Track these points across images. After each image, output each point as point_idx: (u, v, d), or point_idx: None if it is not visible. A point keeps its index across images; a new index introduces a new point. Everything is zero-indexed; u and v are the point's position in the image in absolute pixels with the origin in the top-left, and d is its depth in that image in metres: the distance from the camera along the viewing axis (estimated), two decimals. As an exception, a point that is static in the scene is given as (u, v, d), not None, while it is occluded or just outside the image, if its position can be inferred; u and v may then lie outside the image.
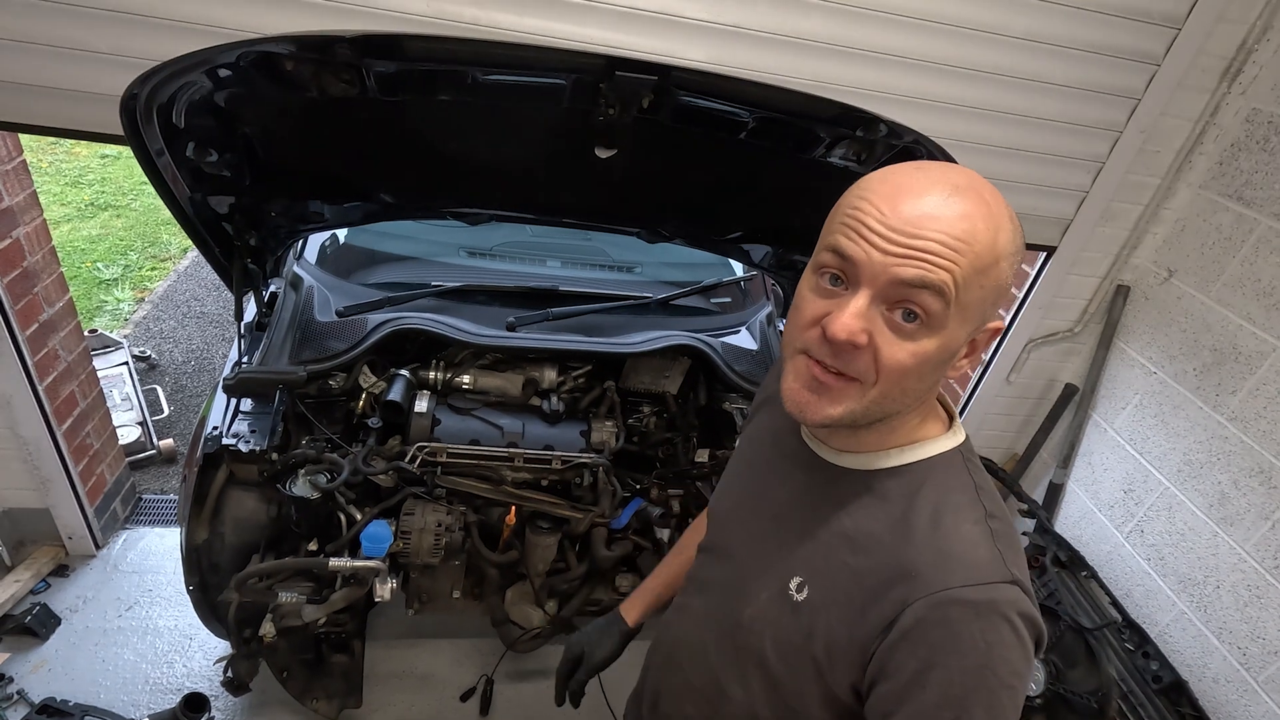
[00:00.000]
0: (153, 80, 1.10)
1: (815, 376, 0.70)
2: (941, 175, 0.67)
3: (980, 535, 0.71)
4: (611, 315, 2.00)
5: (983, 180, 0.69)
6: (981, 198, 0.66)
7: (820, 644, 0.75)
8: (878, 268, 0.65)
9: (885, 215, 0.65)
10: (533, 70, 1.19)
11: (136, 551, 2.36)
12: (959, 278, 0.64)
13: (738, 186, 1.59)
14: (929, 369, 0.69)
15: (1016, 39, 1.76)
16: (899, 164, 0.71)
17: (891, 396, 0.70)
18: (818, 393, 0.71)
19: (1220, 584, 1.91)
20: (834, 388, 0.70)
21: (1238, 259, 1.95)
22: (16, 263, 1.90)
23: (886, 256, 0.64)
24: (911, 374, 0.68)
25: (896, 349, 0.67)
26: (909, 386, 0.70)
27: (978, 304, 0.67)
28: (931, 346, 0.67)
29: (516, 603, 1.94)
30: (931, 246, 0.64)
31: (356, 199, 1.66)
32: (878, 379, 0.68)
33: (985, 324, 0.71)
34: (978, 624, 0.67)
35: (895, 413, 0.73)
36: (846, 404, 0.70)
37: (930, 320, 0.66)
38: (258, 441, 1.57)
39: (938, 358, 0.68)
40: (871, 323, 0.66)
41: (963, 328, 0.68)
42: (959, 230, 0.64)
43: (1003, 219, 0.67)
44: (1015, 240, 0.68)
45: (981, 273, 0.65)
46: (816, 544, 0.79)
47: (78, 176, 5.07)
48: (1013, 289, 2.33)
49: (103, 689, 1.95)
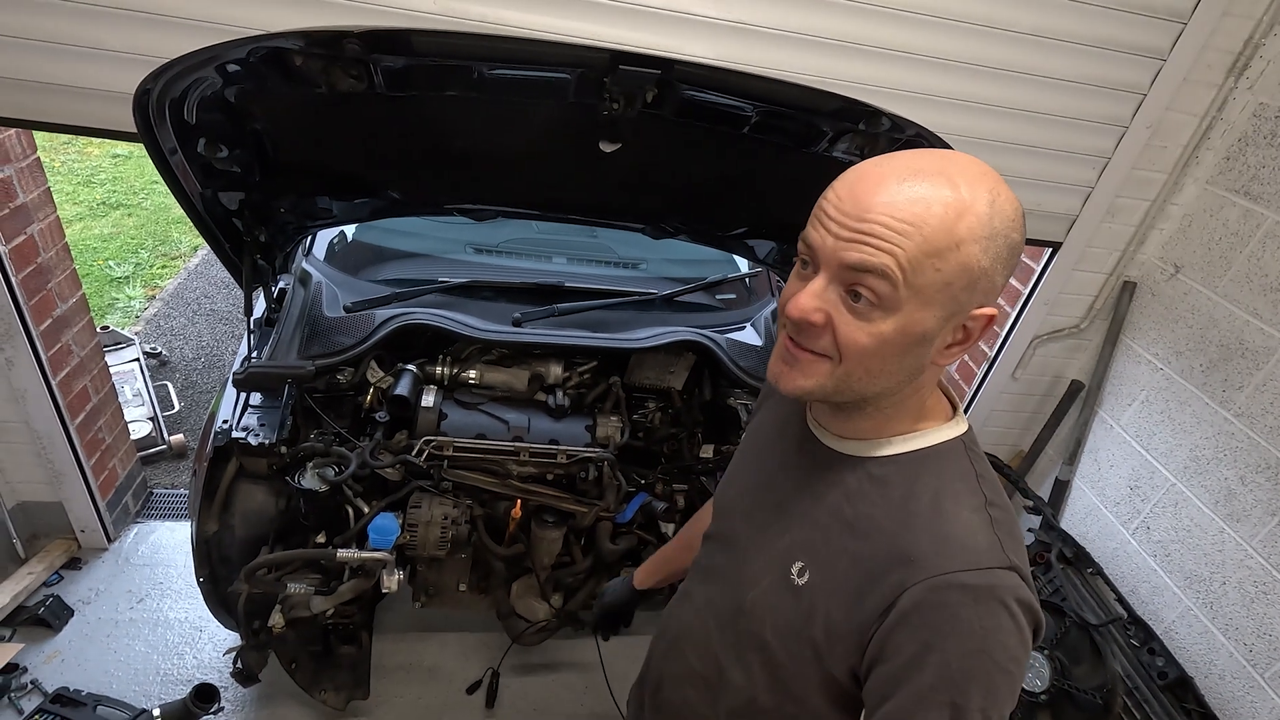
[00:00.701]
0: (165, 76, 1.12)
1: (788, 349, 0.74)
2: (906, 161, 0.68)
3: (980, 522, 0.72)
4: (617, 311, 2.01)
5: (963, 164, 0.68)
6: (947, 179, 0.65)
7: (820, 627, 0.76)
8: (830, 252, 0.68)
9: (841, 201, 0.68)
10: (538, 65, 1.21)
11: (148, 545, 2.39)
12: (903, 260, 0.65)
13: (742, 181, 1.60)
14: (891, 349, 0.69)
15: (1022, 34, 1.76)
16: (878, 155, 0.71)
17: (857, 375, 0.71)
18: (790, 365, 0.74)
19: (1227, 580, 1.91)
20: (803, 361, 0.73)
21: (1244, 254, 1.94)
22: (30, 259, 1.93)
23: (838, 241, 0.67)
24: (871, 353, 0.70)
25: (853, 329, 0.69)
26: (874, 366, 0.71)
27: (937, 287, 0.66)
28: (888, 327, 0.68)
29: (522, 596, 1.96)
30: (875, 229, 0.65)
31: (364, 195, 1.67)
32: (841, 357, 0.71)
33: (968, 310, 0.69)
34: (975, 609, 0.68)
35: (876, 393, 0.74)
36: (816, 378, 0.73)
37: (881, 301, 0.67)
38: (267, 435, 1.59)
39: (898, 339, 0.69)
40: (830, 303, 0.69)
41: (925, 310, 0.67)
42: (906, 213, 0.65)
43: (973, 202, 0.65)
44: (990, 224, 0.66)
45: (935, 255, 0.65)
46: (817, 529, 0.80)
47: (90, 176, 5.13)
48: (1017, 284, 2.33)
49: (115, 679, 1.98)
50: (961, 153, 0.72)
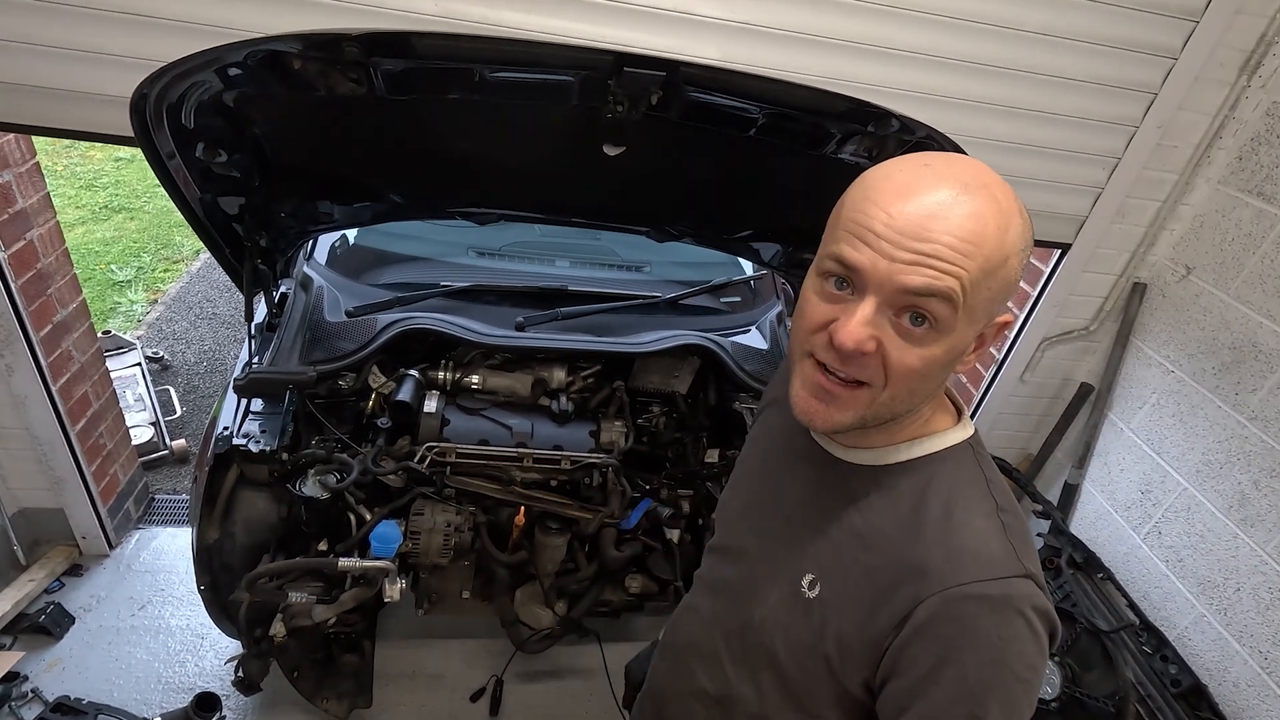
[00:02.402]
0: (162, 80, 1.10)
1: (823, 386, 0.70)
2: (948, 170, 0.65)
3: (992, 529, 0.71)
4: (620, 315, 2.00)
5: (990, 173, 0.67)
6: (991, 194, 0.64)
7: (832, 641, 0.74)
8: (884, 275, 0.63)
9: (891, 219, 0.63)
10: (541, 68, 1.19)
11: (149, 551, 2.37)
12: (967, 282, 0.63)
13: (747, 184, 1.58)
14: (937, 369, 0.68)
15: (1032, 33, 1.73)
16: (903, 158, 0.68)
17: (900, 399, 0.70)
18: (826, 401, 0.70)
19: (1241, 586, 1.88)
20: (842, 396, 0.69)
21: (1257, 255, 1.91)
22: (30, 264, 1.91)
23: (893, 264, 0.63)
24: (920, 377, 0.68)
25: (905, 354, 0.66)
26: (918, 388, 0.69)
27: (986, 304, 0.66)
28: (939, 350, 0.67)
29: (526, 603, 1.94)
30: (939, 251, 0.62)
31: (366, 199, 1.66)
32: (887, 383, 0.68)
33: (993, 320, 0.70)
34: (992, 619, 0.66)
35: (906, 411, 0.73)
36: (855, 409, 0.70)
37: (939, 324, 0.65)
38: (268, 442, 1.57)
39: (945, 359, 0.68)
40: (879, 329, 0.65)
41: (971, 327, 0.68)
42: (967, 232, 0.62)
43: (1012, 214, 0.65)
44: (1025, 234, 0.67)
45: (990, 274, 0.64)
46: (828, 541, 0.78)
47: (92, 179, 5.13)
48: (1026, 286, 2.30)
49: (116, 688, 1.96)
50: (978, 161, 0.70)
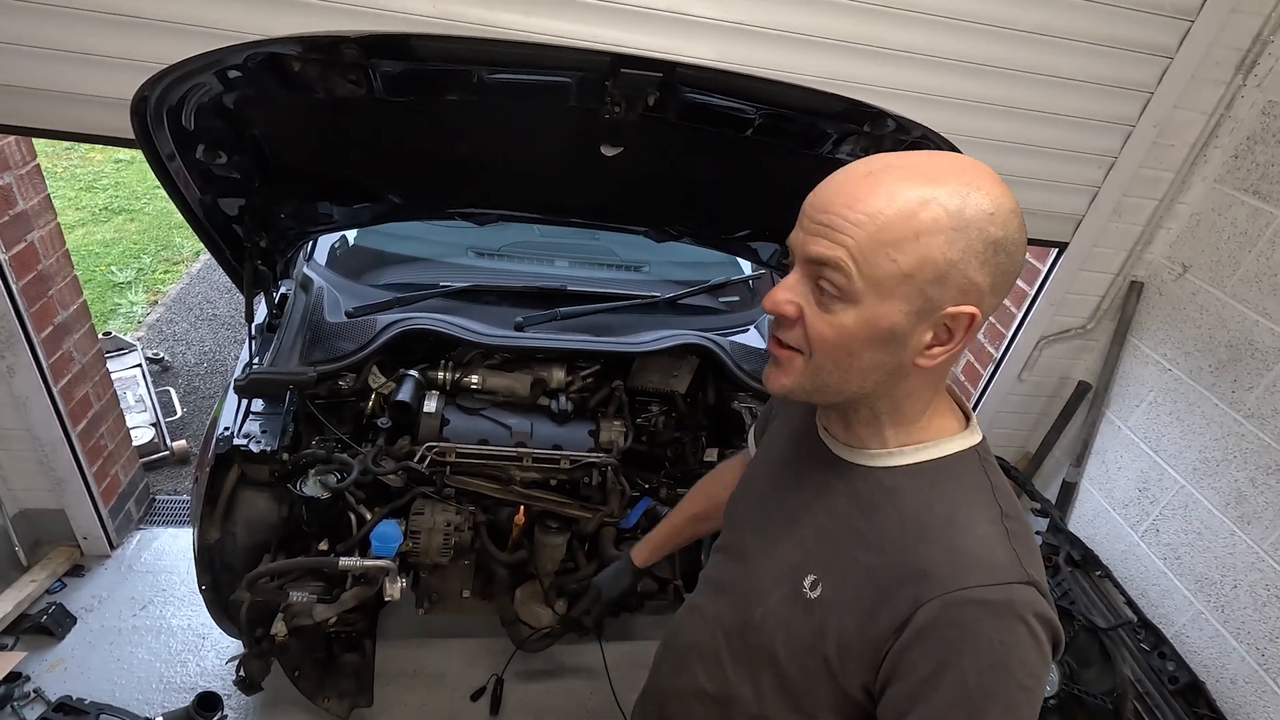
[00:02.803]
0: (162, 82, 1.11)
1: (772, 350, 0.76)
2: (883, 160, 0.68)
3: (996, 535, 0.71)
4: (619, 315, 2.00)
5: (945, 161, 0.67)
6: (918, 173, 0.65)
7: (832, 643, 0.74)
8: (799, 247, 0.70)
9: (814, 199, 0.70)
10: (538, 69, 1.19)
11: (150, 551, 2.38)
12: (855, 251, 0.66)
13: (745, 183, 1.59)
14: (856, 344, 0.69)
15: (1027, 33, 1.74)
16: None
17: (827, 369, 0.72)
18: (774, 365, 0.76)
19: (1238, 583, 1.89)
20: (783, 360, 0.75)
21: (1253, 253, 1.92)
22: (31, 266, 1.92)
23: (805, 235, 0.69)
24: (837, 347, 0.70)
25: (817, 320, 0.70)
26: (841, 361, 0.71)
27: (895, 278, 0.65)
28: (849, 319, 0.68)
29: (526, 602, 1.94)
30: (832, 221, 0.67)
31: (365, 200, 1.66)
32: (810, 350, 0.72)
33: (943, 307, 0.67)
34: (994, 624, 0.66)
35: (855, 392, 0.73)
36: (794, 375, 0.74)
37: (840, 293, 0.68)
38: (268, 442, 1.58)
39: (862, 333, 0.69)
40: (802, 297, 0.71)
41: (887, 304, 0.66)
42: (860, 205, 0.66)
43: (938, 194, 0.64)
44: (960, 215, 0.64)
45: (890, 245, 0.64)
46: (830, 541, 0.78)
47: (92, 181, 5.13)
48: (1023, 285, 2.31)
49: (118, 687, 1.97)
50: (957, 154, 0.71)
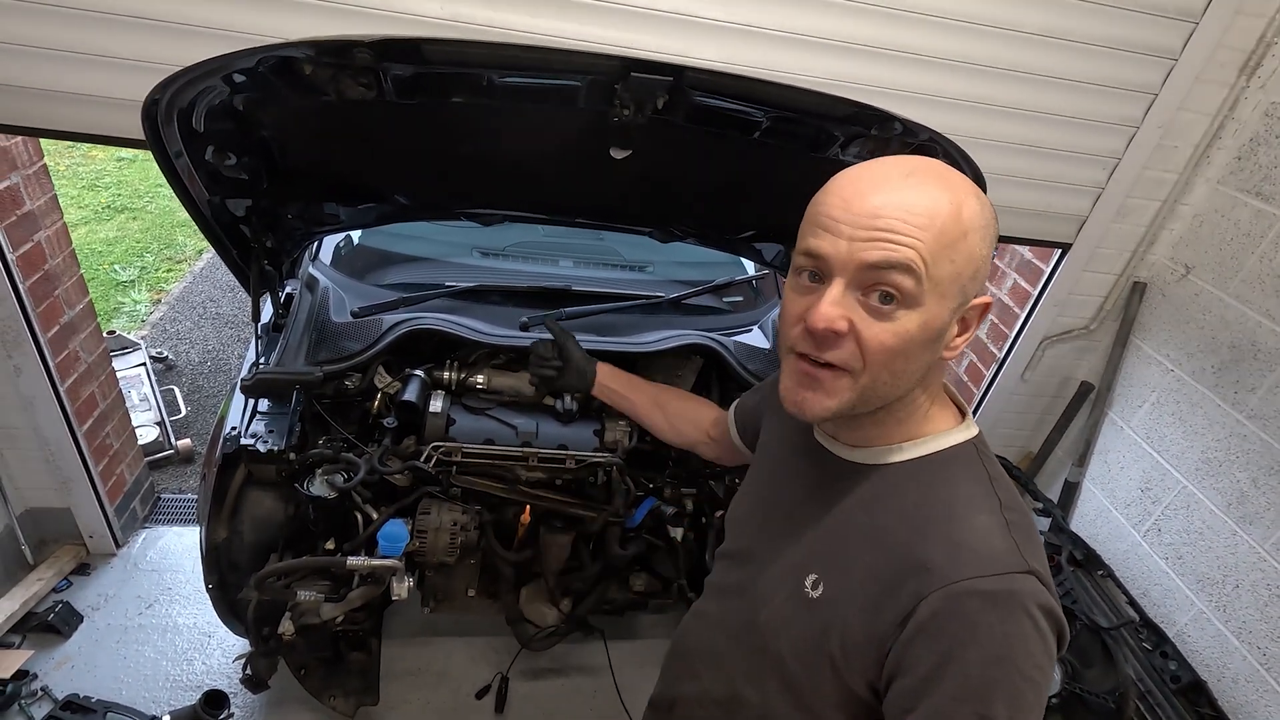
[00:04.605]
0: (174, 85, 1.11)
1: (807, 373, 0.73)
2: (897, 163, 0.71)
3: (995, 526, 0.71)
4: (624, 315, 2.00)
5: (940, 163, 0.73)
6: (939, 176, 0.70)
7: (836, 641, 0.75)
8: (845, 256, 0.69)
9: (848, 204, 0.69)
10: (548, 72, 1.20)
11: (156, 550, 2.39)
12: (925, 253, 0.67)
13: (750, 185, 1.59)
14: (915, 348, 0.70)
15: (1031, 35, 1.74)
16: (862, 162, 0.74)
17: (882, 381, 0.72)
18: (812, 389, 0.73)
19: (1240, 583, 1.89)
20: (825, 381, 0.72)
21: (1256, 255, 1.93)
22: (38, 265, 1.93)
23: (853, 244, 0.68)
24: (897, 354, 0.70)
25: (877, 330, 0.69)
26: (898, 368, 0.71)
27: (951, 278, 0.69)
28: (913, 325, 0.69)
29: (531, 601, 1.95)
30: (893, 225, 0.67)
31: (371, 201, 1.67)
32: (865, 364, 0.70)
33: (969, 301, 0.72)
34: (995, 615, 0.66)
35: (894, 398, 0.74)
36: (840, 395, 0.72)
37: (906, 298, 0.68)
38: (275, 442, 1.58)
39: (921, 336, 0.70)
40: (850, 309, 0.70)
41: (942, 303, 0.70)
42: (918, 208, 0.67)
43: (964, 194, 0.69)
44: (983, 214, 0.70)
45: (949, 246, 0.68)
46: (831, 540, 0.79)
47: (95, 179, 5.13)
48: (1026, 285, 2.31)
49: (124, 686, 1.98)
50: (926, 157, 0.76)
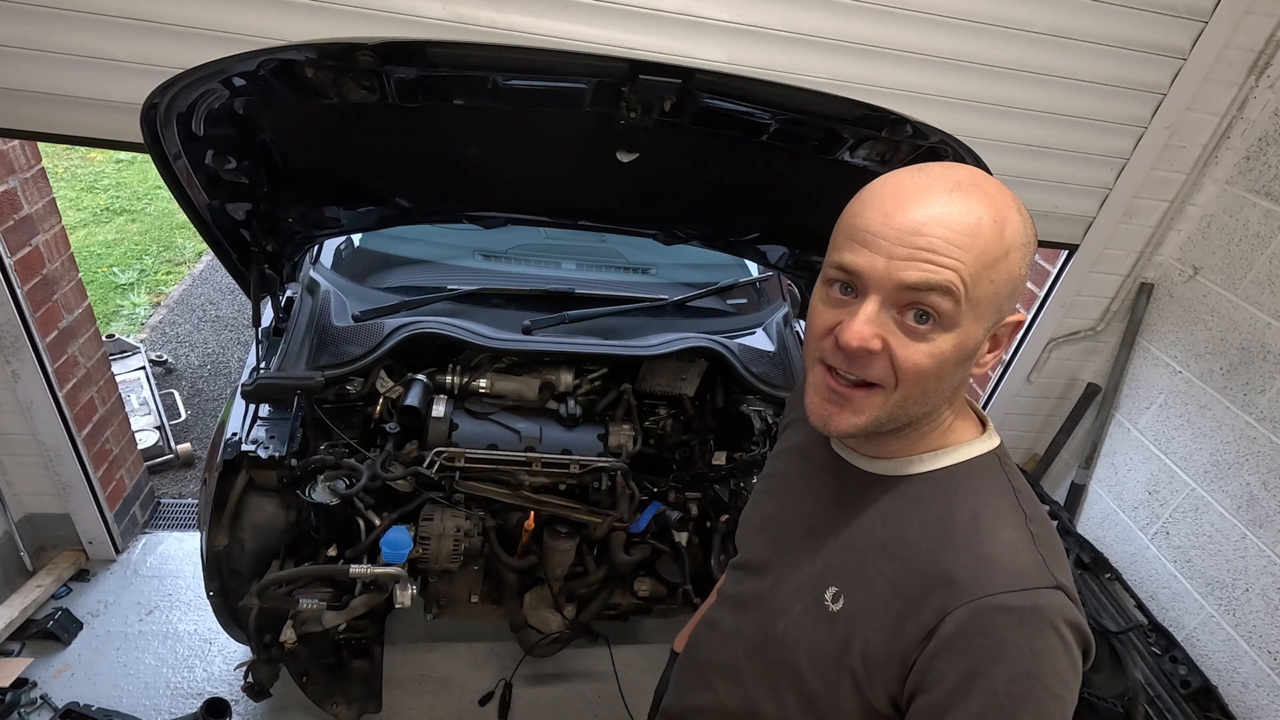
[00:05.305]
0: (173, 89, 1.10)
1: (834, 389, 0.71)
2: (941, 174, 0.68)
3: (1021, 540, 0.70)
4: (627, 317, 1.99)
5: (984, 175, 0.69)
6: (984, 191, 0.66)
7: (858, 655, 0.73)
8: (883, 273, 0.65)
9: (888, 219, 0.66)
10: (554, 75, 1.18)
11: (156, 556, 2.37)
12: (965, 275, 0.64)
13: (757, 188, 1.57)
14: (949, 368, 0.68)
15: (1040, 34, 1.73)
16: (899, 169, 0.71)
17: (914, 399, 0.70)
18: (839, 405, 0.71)
19: (1250, 587, 1.88)
20: (854, 398, 0.70)
21: (1265, 255, 1.91)
22: (36, 270, 1.91)
23: (891, 261, 0.65)
24: (930, 375, 0.68)
25: (912, 351, 0.67)
26: (930, 388, 0.69)
27: (990, 299, 0.67)
28: (948, 346, 0.67)
29: (535, 607, 1.94)
30: (935, 244, 0.64)
31: (373, 204, 1.65)
32: (898, 383, 0.68)
33: (1003, 319, 0.70)
34: (1022, 631, 0.65)
35: (922, 415, 0.73)
36: (869, 412, 0.70)
37: (943, 320, 0.66)
38: (276, 447, 1.57)
39: (955, 356, 0.68)
40: (884, 327, 0.67)
41: (978, 323, 0.68)
42: (962, 226, 0.64)
43: (1008, 210, 0.67)
44: (1025, 231, 0.68)
45: (990, 267, 0.65)
46: (851, 552, 0.77)
47: (93, 181, 5.11)
48: (1033, 287, 2.30)
49: (124, 693, 1.96)
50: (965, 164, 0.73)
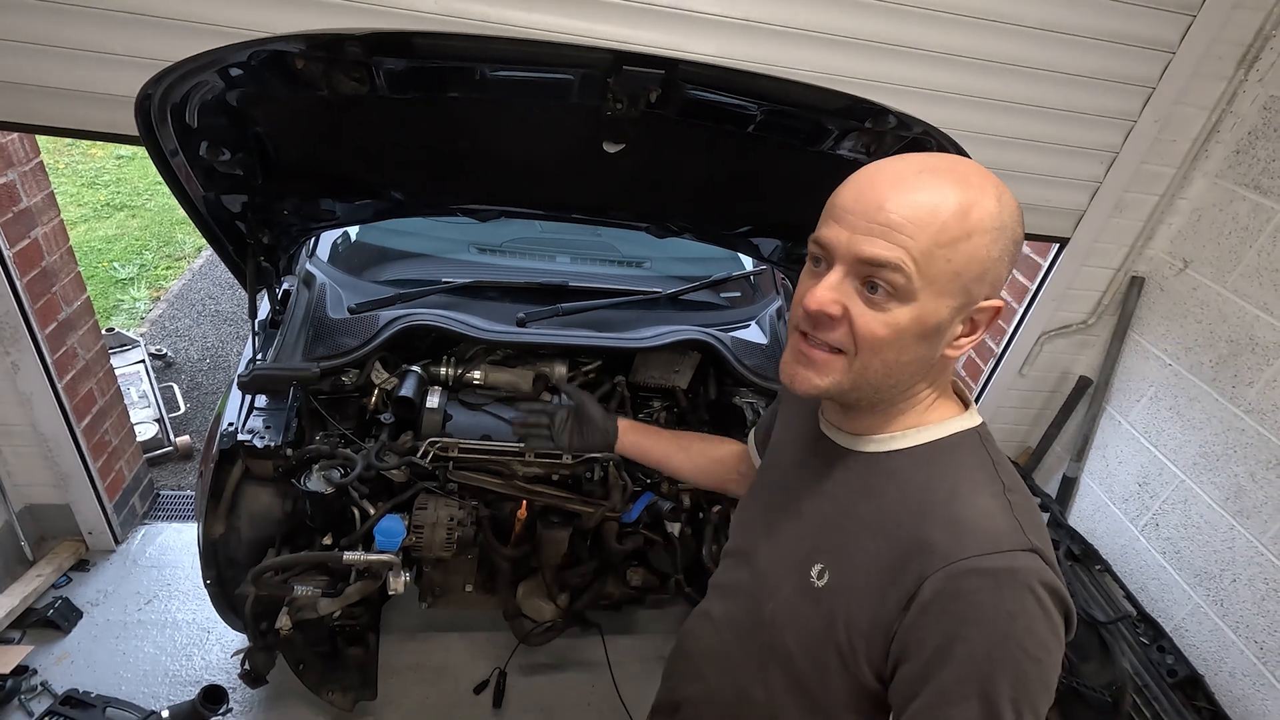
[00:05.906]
0: (166, 80, 1.11)
1: (802, 351, 0.75)
2: (921, 160, 0.71)
3: (997, 507, 0.71)
4: (621, 310, 2.01)
5: (970, 163, 0.72)
6: (957, 176, 0.69)
7: (842, 630, 0.74)
8: (845, 245, 0.70)
9: (859, 196, 0.70)
10: (541, 66, 1.20)
11: (155, 546, 2.39)
12: (916, 253, 0.67)
13: (746, 180, 1.59)
14: (907, 340, 0.71)
15: (1029, 28, 1.74)
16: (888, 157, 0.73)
17: (874, 368, 0.72)
18: (805, 365, 0.75)
19: (1237, 577, 1.89)
20: (818, 360, 0.74)
21: (1254, 249, 1.92)
22: (35, 262, 1.93)
23: (854, 235, 0.69)
24: (887, 344, 0.71)
25: (870, 319, 0.70)
26: (889, 358, 0.72)
27: (949, 277, 0.68)
28: (904, 318, 0.69)
29: (528, 596, 1.96)
30: (891, 221, 0.67)
31: (368, 197, 1.67)
32: (857, 349, 0.72)
33: (977, 301, 0.72)
34: (998, 593, 0.66)
35: (891, 388, 0.75)
36: (832, 375, 0.74)
37: (897, 292, 0.69)
38: (272, 437, 1.59)
39: (914, 329, 0.70)
40: (846, 296, 0.71)
41: (939, 300, 0.69)
42: (922, 206, 0.67)
43: (982, 195, 0.68)
44: (999, 216, 0.69)
45: (947, 246, 0.67)
46: (834, 528, 0.79)
47: (94, 177, 5.13)
48: (1024, 280, 2.31)
49: (124, 681, 1.99)
50: (963, 158, 0.74)
